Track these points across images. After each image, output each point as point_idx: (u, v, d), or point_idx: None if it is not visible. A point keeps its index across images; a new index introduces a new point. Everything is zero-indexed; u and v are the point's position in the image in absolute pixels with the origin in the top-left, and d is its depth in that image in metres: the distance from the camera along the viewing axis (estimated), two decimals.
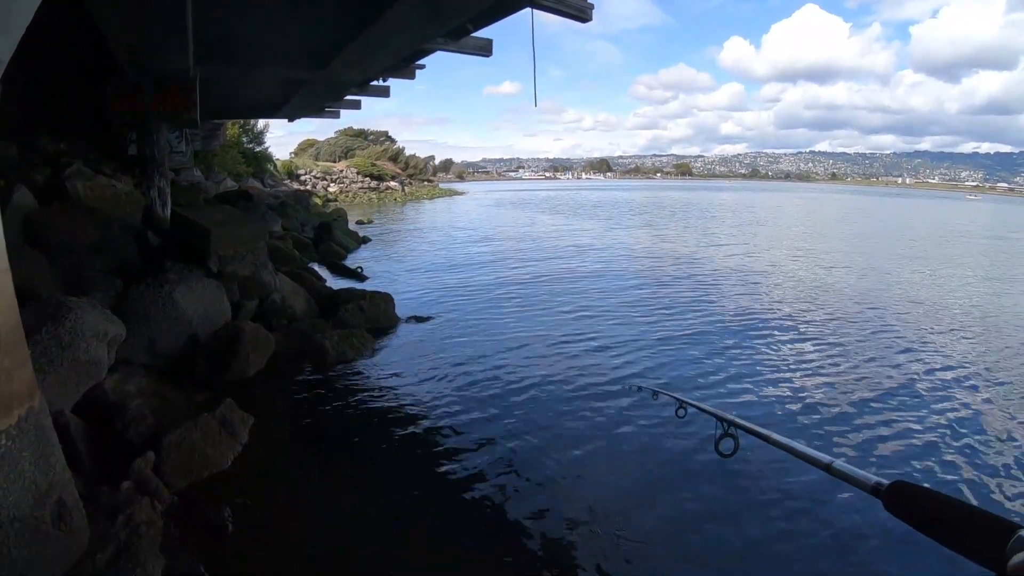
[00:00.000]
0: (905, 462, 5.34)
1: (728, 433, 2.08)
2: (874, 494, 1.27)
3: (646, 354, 8.28)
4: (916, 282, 14.57)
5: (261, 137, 38.55)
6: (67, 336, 4.53)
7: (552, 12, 7.59)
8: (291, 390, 6.56)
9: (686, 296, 12.25)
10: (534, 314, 10.39)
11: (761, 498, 4.62)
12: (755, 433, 1.94)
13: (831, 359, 8.35)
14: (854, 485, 1.37)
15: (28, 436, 2.89)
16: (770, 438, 1.82)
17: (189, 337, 6.73)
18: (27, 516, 2.82)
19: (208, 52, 9.00)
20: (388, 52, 9.57)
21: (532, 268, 15.61)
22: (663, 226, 30.03)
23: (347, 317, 8.63)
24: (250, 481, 4.53)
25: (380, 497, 4.46)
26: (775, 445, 1.78)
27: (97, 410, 4.85)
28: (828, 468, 1.49)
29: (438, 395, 6.44)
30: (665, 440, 5.59)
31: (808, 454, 1.59)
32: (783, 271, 16.02)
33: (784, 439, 1.74)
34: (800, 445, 1.66)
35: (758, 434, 1.91)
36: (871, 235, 27.34)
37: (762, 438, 1.87)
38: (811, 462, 1.56)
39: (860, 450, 5.57)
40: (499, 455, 5.13)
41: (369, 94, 15.82)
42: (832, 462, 1.48)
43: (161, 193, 9.72)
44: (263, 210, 17.80)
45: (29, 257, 6.10)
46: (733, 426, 2.07)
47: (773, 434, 1.82)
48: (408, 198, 53.53)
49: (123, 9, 5.34)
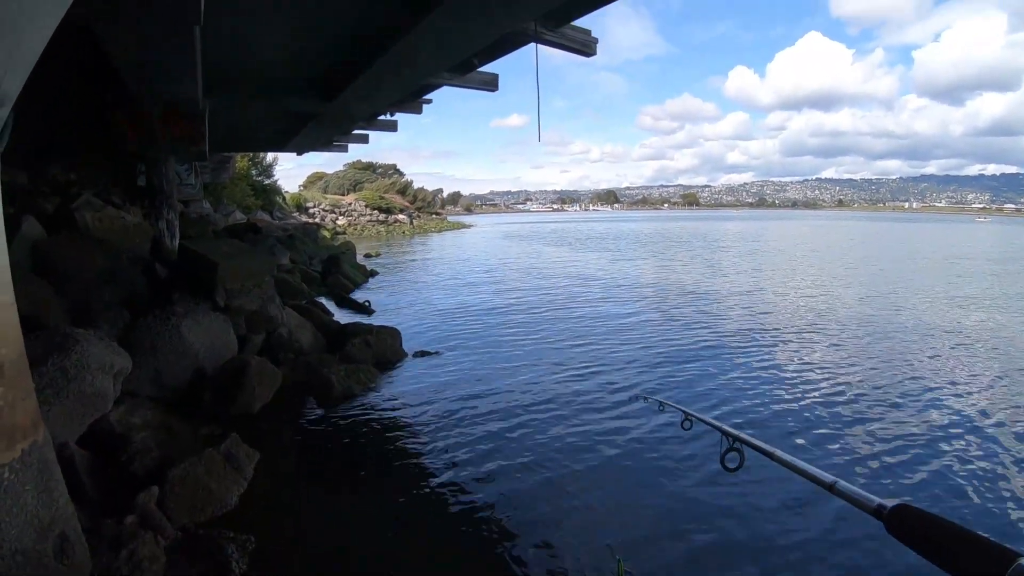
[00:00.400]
0: (909, 485, 5.29)
1: (733, 448, 2.06)
2: (876, 516, 1.26)
3: (653, 373, 8.45)
4: (926, 306, 14.40)
5: (270, 170, 39.05)
6: (73, 368, 4.54)
7: (557, 47, 7.68)
8: (297, 424, 6.53)
9: (693, 321, 12.25)
10: (540, 343, 10.38)
11: (764, 514, 4.64)
12: (760, 449, 1.91)
13: (838, 380, 8.32)
14: (857, 506, 1.35)
15: (31, 469, 2.88)
16: (774, 455, 1.79)
17: (195, 370, 6.74)
18: (29, 549, 2.81)
19: (217, 84, 9.13)
20: (395, 86, 9.67)
21: (538, 299, 15.63)
22: (669, 256, 30.05)
23: (353, 351, 8.59)
24: (255, 516, 4.48)
25: (386, 534, 4.40)
26: (779, 462, 1.75)
27: (102, 442, 4.84)
28: (831, 488, 1.47)
29: (445, 430, 6.38)
30: (670, 452, 5.69)
31: (812, 473, 1.57)
32: (790, 296, 15.95)
33: (789, 457, 1.72)
34: (804, 464, 1.63)
35: (763, 450, 1.88)
36: (879, 260, 27.13)
37: (767, 455, 1.84)
38: (815, 481, 1.55)
39: (864, 471, 5.55)
40: (506, 486, 5.08)
41: (377, 128, 15.94)
42: (835, 482, 1.47)
43: (169, 225, 9.81)
44: (271, 243, 17.96)
45: (36, 286, 6.16)
46: (738, 441, 2.05)
47: (778, 451, 1.79)
48: (416, 231, 53.87)
49: (131, 41, 5.41)
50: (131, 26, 4.92)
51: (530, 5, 5.87)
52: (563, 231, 58.51)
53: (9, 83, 2.76)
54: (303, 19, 7.15)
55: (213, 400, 6.44)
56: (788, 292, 17.02)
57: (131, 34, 5.22)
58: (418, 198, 72.18)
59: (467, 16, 6.04)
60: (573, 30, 7.53)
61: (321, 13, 6.87)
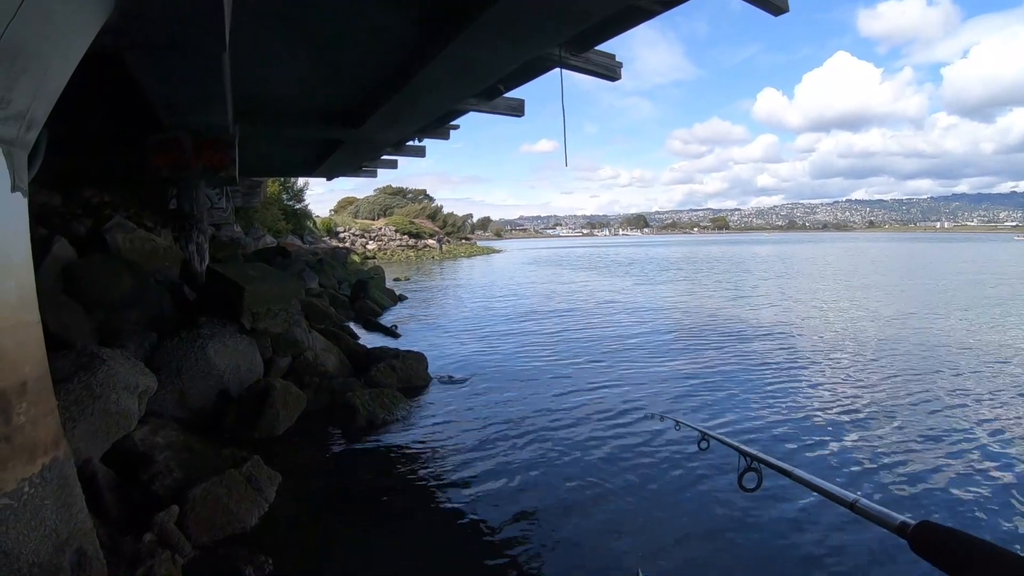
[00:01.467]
0: (933, 503, 5.18)
1: (751, 468, 2.03)
2: (900, 534, 1.25)
3: (673, 394, 8.53)
4: (957, 328, 14.01)
5: (301, 195, 39.55)
6: (99, 386, 4.61)
7: (581, 72, 7.74)
8: (320, 448, 6.53)
9: (714, 343, 12.13)
10: (563, 366, 10.32)
11: (784, 534, 4.56)
12: (779, 469, 1.88)
13: (858, 398, 8.22)
14: (879, 524, 1.35)
15: (51, 485, 2.93)
16: (793, 474, 1.77)
17: (220, 392, 6.81)
18: (46, 563, 2.84)
19: (246, 110, 9.30)
20: (421, 113, 9.79)
21: (564, 324, 15.56)
22: (698, 280, 29.76)
23: (378, 376, 8.58)
24: (274, 539, 4.47)
25: (408, 562, 4.35)
26: (799, 481, 1.74)
27: (126, 460, 4.89)
28: (852, 506, 1.46)
29: (469, 456, 6.32)
30: (688, 472, 5.66)
31: (832, 491, 1.56)
32: (815, 318, 15.66)
33: (808, 476, 1.71)
34: (824, 482, 1.62)
35: (782, 470, 1.86)
36: (920, 281, 26.53)
37: (785, 474, 1.82)
38: (835, 500, 1.54)
39: (886, 489, 5.44)
40: (528, 510, 5.01)
41: (405, 154, 16.09)
42: (857, 500, 1.45)
43: (199, 248, 9.97)
44: (300, 267, 18.15)
45: (66, 307, 6.28)
46: (756, 461, 2.02)
47: (797, 470, 1.77)
48: (446, 256, 54.20)
49: (161, 69, 5.54)
50: (159, 55, 5.04)
51: (553, 32, 5.91)
52: (592, 256, 58.43)
53: (37, 108, 2.85)
54: (325, 52, 7.29)
55: (237, 422, 6.49)
56: (813, 313, 16.76)
57: (159, 63, 5.35)
58: (448, 223, 72.81)
59: (490, 43, 6.09)
60: (597, 55, 7.59)
61: (343, 44, 6.99)
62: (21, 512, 2.75)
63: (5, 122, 2.69)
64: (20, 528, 2.74)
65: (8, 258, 2.82)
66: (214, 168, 9.17)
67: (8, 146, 2.76)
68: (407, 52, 7.09)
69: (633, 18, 6.26)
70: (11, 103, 2.66)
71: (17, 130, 2.77)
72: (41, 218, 8.97)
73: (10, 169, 2.78)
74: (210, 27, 4.25)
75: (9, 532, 2.69)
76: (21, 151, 2.88)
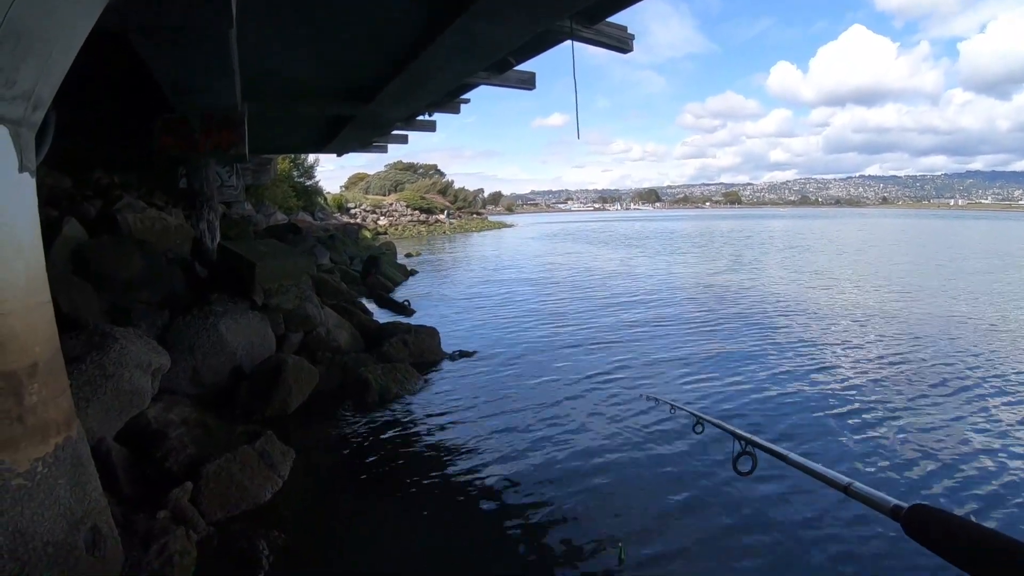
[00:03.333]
0: (928, 486, 5.17)
1: (746, 451, 2.03)
2: (893, 517, 1.26)
3: (675, 374, 8.46)
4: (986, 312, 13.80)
5: (311, 171, 39.46)
6: (111, 365, 4.63)
7: (592, 44, 7.64)
8: (333, 424, 6.56)
9: (720, 323, 12.01)
10: (577, 344, 10.28)
11: (778, 518, 4.57)
12: (773, 452, 1.90)
13: (856, 379, 8.19)
14: (873, 507, 1.36)
15: (64, 464, 2.95)
16: (788, 457, 1.78)
17: (233, 368, 6.84)
18: (61, 541, 2.87)
19: (254, 88, 9.25)
20: (430, 87, 9.71)
21: (574, 297, 15.59)
22: (710, 256, 29.56)
23: (391, 351, 8.59)
24: (288, 515, 4.50)
25: (420, 535, 4.38)
26: (793, 465, 1.74)
27: (139, 438, 4.92)
28: (846, 489, 1.47)
29: (481, 429, 6.35)
30: (682, 456, 5.66)
31: (826, 475, 1.57)
32: (820, 296, 15.51)
33: (802, 459, 1.71)
34: (818, 466, 1.63)
35: (776, 453, 1.87)
36: (930, 257, 26.22)
37: (780, 457, 1.83)
38: (829, 483, 1.55)
39: (881, 472, 5.42)
40: (536, 487, 5.05)
41: (415, 128, 16.03)
42: (850, 483, 1.47)
43: (210, 226, 9.98)
44: (311, 243, 18.18)
45: (77, 287, 6.29)
46: (751, 444, 2.02)
47: (791, 454, 1.78)
48: (457, 231, 54.09)
49: (168, 48, 5.49)
50: (164, 34, 4.99)
51: (562, 3, 5.83)
52: (602, 230, 58.11)
53: (43, 88, 2.83)
54: (333, 28, 7.21)
55: (250, 398, 6.51)
56: (819, 291, 16.63)
57: (165, 42, 5.30)
58: (459, 198, 72.67)
59: (500, 15, 6.01)
60: (609, 27, 7.49)
61: (352, 20, 6.91)
62: (35, 491, 2.78)
63: (12, 102, 2.67)
64: (34, 507, 2.77)
65: (17, 239, 2.81)
66: (223, 146, 9.16)
67: (15, 126, 2.74)
68: (417, 26, 7.00)
69: None
70: (16, 83, 2.63)
71: (23, 110, 2.75)
72: (51, 200, 9.01)
73: (17, 149, 2.76)
74: (217, 4, 4.20)
75: (24, 512, 2.72)
76: (28, 131, 2.86)
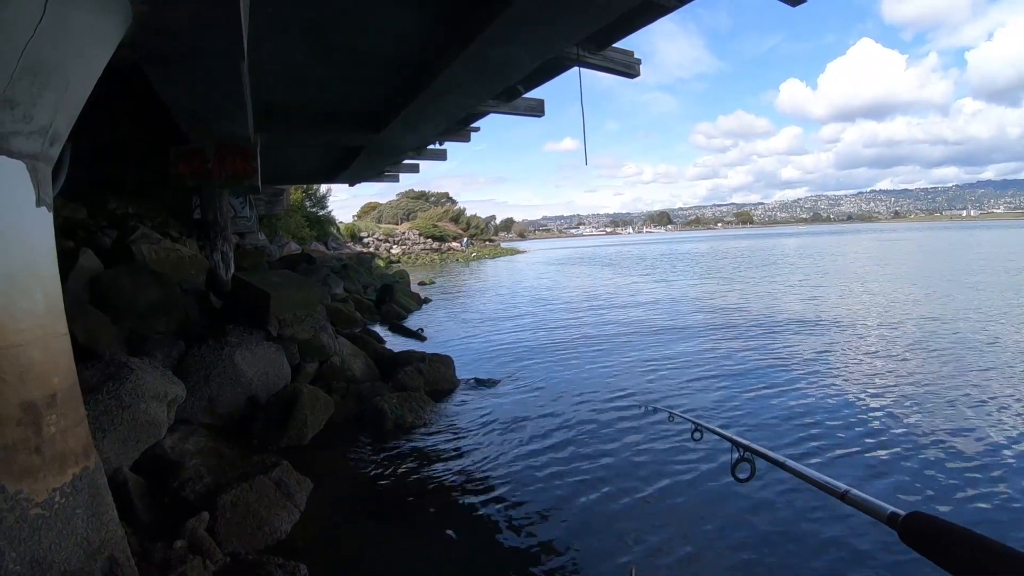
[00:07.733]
0: (925, 494, 5.14)
1: (744, 458, 2.03)
2: (890, 524, 1.26)
3: (685, 388, 8.45)
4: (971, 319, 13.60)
5: (324, 201, 39.80)
6: (128, 396, 4.66)
7: (600, 70, 7.71)
8: (349, 453, 6.52)
9: (732, 336, 11.97)
10: (588, 366, 10.27)
11: (775, 524, 4.58)
12: (771, 459, 1.90)
13: (854, 388, 8.23)
14: (869, 515, 1.36)
15: (82, 494, 2.96)
16: (785, 464, 1.79)
17: (248, 399, 6.85)
18: (78, 571, 2.87)
19: (266, 119, 9.38)
20: (441, 115, 9.80)
21: (590, 323, 15.50)
22: (716, 277, 29.47)
23: (406, 379, 8.53)
24: (305, 544, 4.47)
25: (437, 565, 4.34)
26: (791, 472, 1.75)
27: (156, 468, 4.93)
28: (843, 496, 1.47)
29: (496, 457, 6.30)
30: (681, 463, 5.70)
31: (823, 482, 1.58)
32: (823, 312, 15.35)
33: (800, 466, 1.72)
34: (815, 473, 1.64)
35: (774, 460, 1.88)
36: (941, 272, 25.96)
37: (778, 464, 1.84)
38: (826, 490, 1.55)
39: (878, 480, 5.42)
40: (551, 512, 5.00)
41: (426, 157, 16.14)
42: (848, 491, 1.47)
43: (224, 257, 10.08)
44: (325, 273, 18.25)
45: (94, 317, 6.36)
46: (749, 451, 2.02)
47: (789, 461, 1.80)
48: (470, 258, 54.24)
49: (181, 79, 5.59)
50: (178, 66, 5.08)
51: (570, 30, 5.89)
52: (615, 255, 58.17)
53: (60, 123, 2.89)
54: (344, 58, 7.32)
55: (266, 428, 6.51)
56: (827, 306, 16.53)
57: (177, 73, 5.40)
58: (471, 225, 72.89)
59: (507, 44, 6.08)
60: (615, 52, 7.57)
61: (362, 50, 7.02)
62: (53, 521, 2.79)
63: (29, 137, 2.72)
64: (52, 537, 2.77)
65: (35, 271, 2.85)
66: (237, 177, 9.26)
67: (32, 161, 2.79)
68: (427, 54, 7.10)
69: (648, 13, 6.23)
70: (34, 118, 2.69)
71: (41, 145, 2.81)
72: (67, 231, 9.12)
73: (35, 184, 2.81)
74: (227, 36, 4.28)
75: (41, 541, 2.73)
76: (45, 166, 2.91)
